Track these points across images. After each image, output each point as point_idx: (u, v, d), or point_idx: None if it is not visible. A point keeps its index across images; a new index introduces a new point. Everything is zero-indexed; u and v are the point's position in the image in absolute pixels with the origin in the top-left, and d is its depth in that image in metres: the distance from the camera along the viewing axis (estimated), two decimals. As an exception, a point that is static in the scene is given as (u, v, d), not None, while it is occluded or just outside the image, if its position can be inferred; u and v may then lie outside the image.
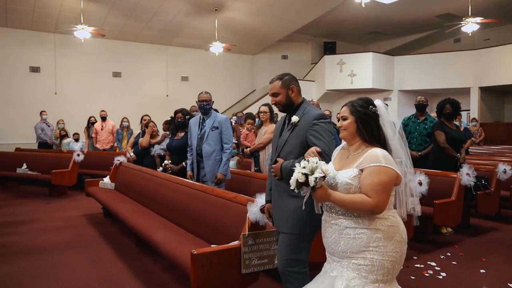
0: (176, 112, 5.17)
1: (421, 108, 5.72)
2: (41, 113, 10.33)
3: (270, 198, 2.65)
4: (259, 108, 5.51)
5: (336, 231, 1.96)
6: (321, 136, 2.37)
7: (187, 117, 5.08)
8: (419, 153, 5.57)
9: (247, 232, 2.88)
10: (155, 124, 6.14)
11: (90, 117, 9.89)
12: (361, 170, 1.90)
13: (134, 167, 5.76)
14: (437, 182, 4.60)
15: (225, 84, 14.13)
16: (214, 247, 2.83)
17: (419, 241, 4.67)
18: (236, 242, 2.88)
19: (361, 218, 1.91)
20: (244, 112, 9.21)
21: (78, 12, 9.82)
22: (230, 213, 3.22)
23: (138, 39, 12.77)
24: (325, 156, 2.26)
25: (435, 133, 5.22)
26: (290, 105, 2.53)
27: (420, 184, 4.11)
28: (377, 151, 1.91)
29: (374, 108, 2.01)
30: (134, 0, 10.17)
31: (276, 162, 2.48)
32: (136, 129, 8.29)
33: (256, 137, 5.72)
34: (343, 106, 2.10)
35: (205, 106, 4.30)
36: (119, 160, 6.28)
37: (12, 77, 11.25)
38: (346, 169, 1.97)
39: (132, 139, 6.63)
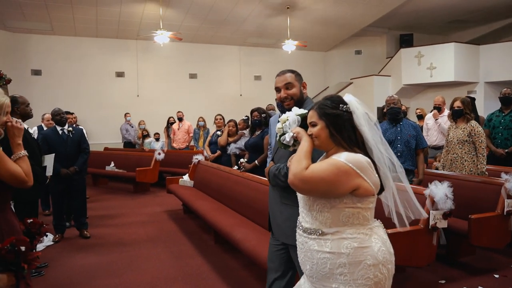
0: (252, 111, 5.22)
1: (506, 101, 5.22)
2: (125, 114, 11.10)
3: None
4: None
5: (302, 252, 1.72)
6: None
7: (263, 115, 5.10)
8: (505, 151, 5.08)
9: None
10: (236, 124, 6.18)
11: (169, 118, 10.40)
12: None
13: (212, 166, 5.93)
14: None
15: (297, 82, 14.08)
16: (295, 246, 2.80)
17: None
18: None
19: (324, 239, 1.63)
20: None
21: (158, 19, 10.37)
22: (310, 213, 3.17)
23: (213, 41, 13.15)
24: None
25: None
26: (301, 102, 2.35)
27: (520, 185, 3.72)
28: (348, 153, 1.62)
29: (345, 106, 1.71)
30: (209, 4, 10.48)
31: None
32: (212, 129, 8.54)
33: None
34: (309, 110, 1.79)
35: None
36: (197, 159, 6.51)
37: (101, 82, 12.21)
38: None
39: (208, 138, 6.83)
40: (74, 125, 6.61)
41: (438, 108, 6.39)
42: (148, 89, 12.70)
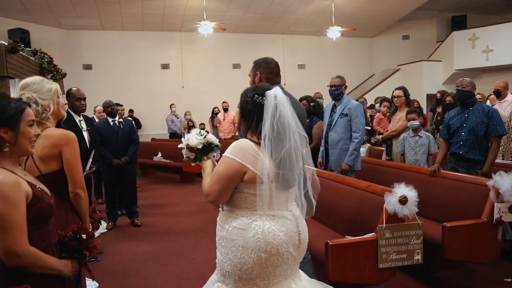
0: (300, 100, 5.12)
1: None
2: (170, 106, 11.33)
3: None
4: (393, 92, 5.10)
5: None
6: None
7: (311, 104, 4.99)
8: None
9: (384, 224, 2.70)
10: None
11: (214, 108, 10.49)
12: None
13: (258, 155, 5.90)
14: None
15: (343, 69, 13.65)
16: (349, 238, 2.72)
17: None
18: (371, 234, 2.73)
19: (221, 213, 1.86)
20: (364, 97, 8.78)
21: (201, 10, 10.43)
22: (363, 203, 3.06)
23: (256, 30, 13.08)
24: None
25: None
26: None
27: None
28: (237, 141, 1.80)
29: (260, 98, 1.77)
30: (251, -7, 10.43)
31: None
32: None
33: (389, 123, 5.34)
34: None
35: (334, 92, 4.11)
36: (243, 149, 6.51)
37: (147, 75, 12.53)
38: None
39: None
40: (124, 117, 6.80)
41: (498, 93, 5.99)
42: (193, 80, 12.87)
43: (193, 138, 1.98)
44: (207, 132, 2.03)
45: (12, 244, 1.40)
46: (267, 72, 2.57)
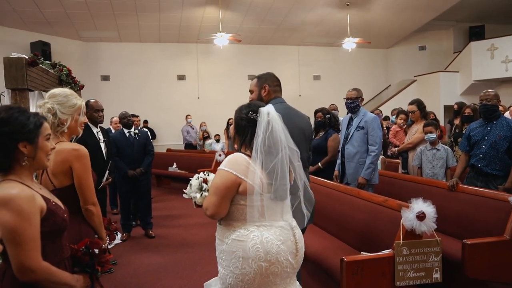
0: (316, 112, 5.09)
1: None
2: (186, 116, 11.41)
3: None
4: (407, 107, 5.06)
5: None
6: None
7: (327, 116, 4.96)
8: None
9: (401, 241, 2.63)
10: None
11: (229, 119, 10.50)
12: None
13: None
14: None
15: (358, 80, 13.58)
16: (365, 255, 2.66)
17: None
18: (388, 251, 2.66)
19: (219, 227, 1.91)
20: (380, 109, 8.69)
21: (217, 22, 10.53)
22: (379, 219, 2.99)
23: (271, 42, 13.13)
24: None
25: None
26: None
27: None
28: (231, 155, 1.88)
29: (254, 114, 1.88)
30: (267, 5, 10.47)
31: None
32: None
33: (406, 135, 5.27)
34: None
35: (350, 105, 4.07)
36: (257, 160, 6.49)
37: (163, 86, 12.67)
38: None
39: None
40: (139, 128, 6.87)
41: (518, 105, 5.86)
42: (208, 91, 12.95)
43: (199, 195, 1.98)
44: (202, 172, 2.05)
45: (26, 259, 1.40)
46: (274, 85, 2.67)
